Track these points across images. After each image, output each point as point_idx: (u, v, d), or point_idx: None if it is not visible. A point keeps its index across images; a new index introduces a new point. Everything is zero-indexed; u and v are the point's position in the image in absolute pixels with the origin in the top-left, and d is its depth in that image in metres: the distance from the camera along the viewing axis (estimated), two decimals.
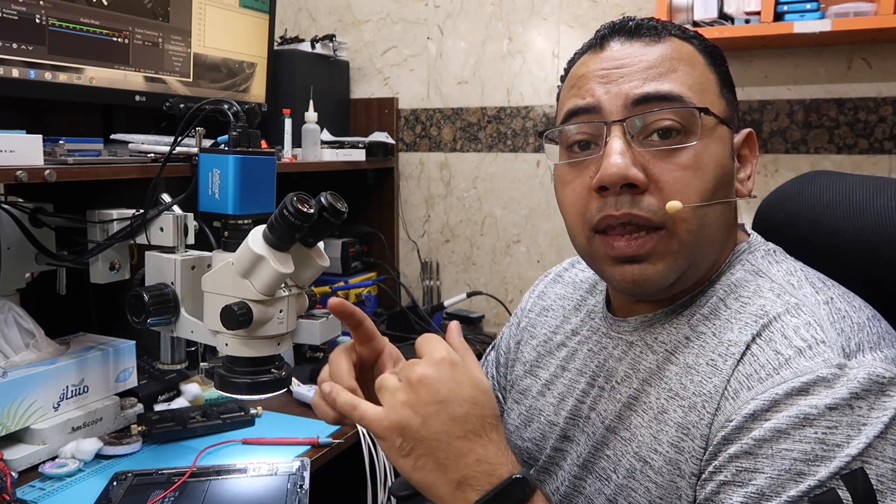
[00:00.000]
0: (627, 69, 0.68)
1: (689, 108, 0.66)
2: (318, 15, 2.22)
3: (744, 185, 0.73)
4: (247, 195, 1.00)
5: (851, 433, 0.55)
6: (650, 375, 0.70)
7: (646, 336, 0.73)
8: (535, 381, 0.86)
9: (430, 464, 0.59)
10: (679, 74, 0.67)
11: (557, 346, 0.85)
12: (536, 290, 0.97)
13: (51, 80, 1.23)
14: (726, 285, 0.70)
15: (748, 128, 0.74)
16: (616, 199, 0.66)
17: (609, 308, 0.81)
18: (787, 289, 0.66)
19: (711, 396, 0.63)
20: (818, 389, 0.56)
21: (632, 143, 0.66)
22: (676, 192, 0.65)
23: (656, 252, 0.66)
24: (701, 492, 0.60)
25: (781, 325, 0.62)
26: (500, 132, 2.01)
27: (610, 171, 0.65)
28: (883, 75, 1.63)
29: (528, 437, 0.84)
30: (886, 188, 0.73)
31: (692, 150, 0.66)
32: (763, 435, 0.57)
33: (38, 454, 1.08)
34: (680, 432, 0.64)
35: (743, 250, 0.73)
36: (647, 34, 0.70)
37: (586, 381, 0.78)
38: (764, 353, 0.61)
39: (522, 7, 1.96)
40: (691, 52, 0.70)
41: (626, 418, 0.70)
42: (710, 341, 0.66)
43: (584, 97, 0.69)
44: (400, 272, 2.17)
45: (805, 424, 0.56)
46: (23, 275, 1.22)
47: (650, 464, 0.66)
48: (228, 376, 0.98)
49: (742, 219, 0.77)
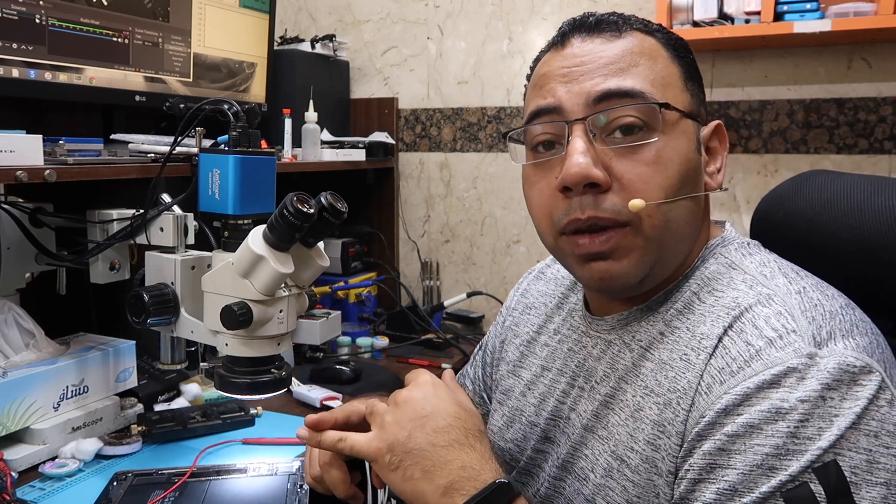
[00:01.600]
0: (587, 66, 0.67)
1: (650, 103, 0.65)
2: (318, 15, 2.22)
3: (713, 179, 0.72)
4: (247, 195, 1.00)
5: (823, 425, 0.54)
6: (626, 373, 0.69)
7: (623, 335, 0.72)
8: (518, 381, 0.86)
9: (418, 472, 0.63)
10: (640, 69, 0.67)
11: (540, 346, 0.85)
12: (521, 287, 0.96)
13: (51, 80, 1.23)
14: (700, 279, 0.69)
15: (717, 120, 0.74)
16: (580, 200, 0.66)
17: (588, 306, 0.80)
18: (759, 280, 0.65)
19: (685, 392, 0.62)
20: (789, 381, 0.56)
21: (594, 142, 0.66)
22: (639, 189, 0.65)
23: (621, 248, 0.66)
24: (677, 489, 0.60)
25: (752, 316, 0.62)
26: (500, 132, 2.01)
27: (572, 172, 0.64)
28: (883, 75, 1.63)
29: (510, 438, 0.83)
30: (884, 187, 0.73)
31: (654, 147, 0.65)
32: (735, 430, 0.56)
33: (38, 454, 1.08)
34: (656, 430, 0.64)
35: (716, 244, 0.72)
36: (607, 29, 0.69)
37: (566, 382, 0.77)
38: (735, 345, 0.61)
39: (522, 7, 1.96)
40: (653, 45, 0.69)
41: (603, 417, 0.70)
42: (683, 336, 0.66)
43: (545, 97, 0.69)
44: (400, 272, 2.17)
45: (777, 418, 0.55)
46: (23, 275, 1.22)
47: (627, 462, 0.66)
48: (228, 376, 0.98)
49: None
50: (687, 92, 0.70)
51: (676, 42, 0.72)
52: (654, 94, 0.66)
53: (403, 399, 0.65)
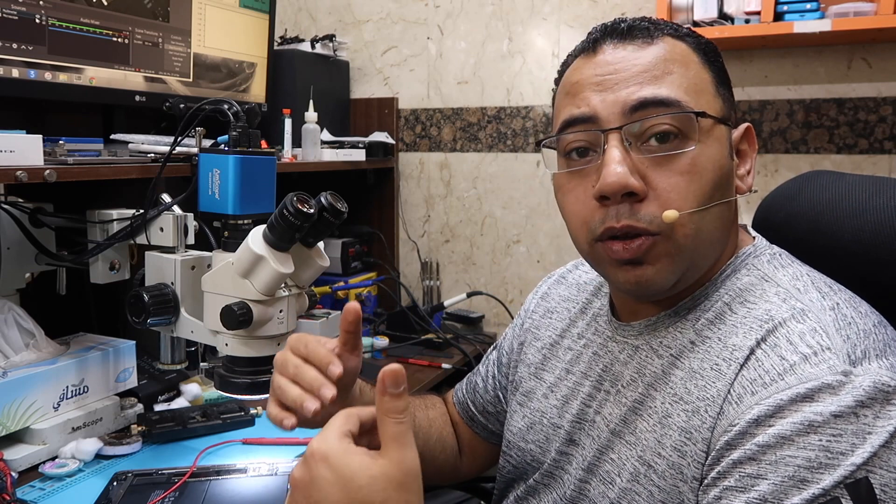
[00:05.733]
0: (622, 74, 0.67)
1: (686, 112, 0.66)
2: (318, 15, 2.22)
3: (743, 181, 0.73)
4: (247, 195, 1.00)
5: (856, 441, 0.54)
6: (656, 380, 0.70)
7: (651, 340, 0.73)
8: (540, 383, 0.86)
9: None
10: (674, 77, 0.67)
11: (563, 349, 0.85)
12: (540, 291, 0.97)
13: (51, 80, 1.23)
14: (732, 290, 0.69)
15: (746, 122, 0.74)
16: (617, 209, 0.66)
17: (613, 311, 0.81)
18: (793, 293, 0.66)
19: (714, 400, 0.63)
20: (823, 396, 0.56)
21: (630, 150, 0.66)
22: (674, 199, 0.65)
23: (654, 254, 0.66)
24: (703, 497, 0.60)
25: (787, 331, 0.62)
26: (500, 132, 2.01)
27: (610, 181, 0.65)
28: (883, 75, 1.63)
29: (532, 440, 0.84)
30: (886, 188, 0.73)
31: (689, 155, 0.66)
32: (767, 441, 0.56)
33: (38, 454, 1.08)
34: (683, 436, 0.64)
35: (748, 254, 0.72)
36: (639, 36, 0.69)
37: (591, 385, 0.78)
38: (769, 358, 0.61)
39: (522, 7, 1.95)
40: (685, 51, 0.69)
41: (631, 422, 0.70)
42: (715, 346, 0.66)
43: (579, 106, 0.69)
44: (400, 272, 2.17)
45: (809, 431, 0.55)
46: (23, 275, 1.22)
47: (654, 468, 0.66)
48: (228, 376, 0.98)
49: (742, 218, 0.77)
50: (719, 97, 0.70)
51: (706, 46, 0.72)
52: (689, 101, 0.66)
53: (293, 482, 0.55)
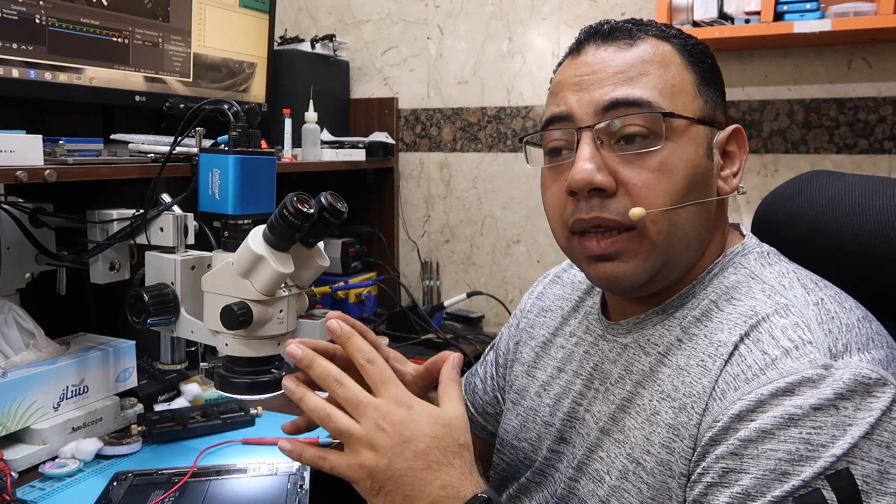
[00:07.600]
0: (598, 75, 0.70)
1: (655, 112, 0.67)
2: (318, 15, 2.22)
3: (727, 182, 0.73)
4: (247, 195, 1.00)
5: (836, 433, 0.55)
6: (643, 378, 0.70)
7: (639, 338, 0.73)
8: (533, 381, 0.87)
9: (399, 497, 0.64)
10: (650, 78, 0.68)
11: (556, 348, 0.86)
12: (535, 290, 0.97)
13: (51, 80, 1.23)
14: (720, 288, 0.70)
15: (736, 124, 0.74)
16: (586, 203, 0.68)
17: (605, 310, 0.82)
18: (777, 290, 0.66)
19: (700, 397, 0.63)
20: (803, 390, 0.57)
21: (602, 149, 0.68)
22: (644, 196, 0.67)
23: (626, 251, 0.68)
24: (690, 493, 0.61)
25: (769, 326, 0.63)
26: (500, 132, 2.01)
27: (577, 178, 0.67)
28: (883, 75, 1.63)
29: (525, 438, 0.84)
30: (885, 188, 0.73)
31: (659, 154, 0.67)
32: (748, 435, 0.57)
33: (38, 454, 1.08)
34: (671, 433, 0.65)
35: (736, 252, 0.73)
36: (620, 38, 0.71)
37: (582, 384, 0.78)
38: (751, 353, 0.62)
39: (522, 7, 1.96)
40: (667, 52, 0.70)
41: (619, 420, 0.71)
42: (701, 343, 0.67)
43: (558, 105, 0.72)
44: (400, 272, 2.17)
45: (790, 424, 0.56)
46: (23, 275, 1.22)
47: (643, 465, 0.66)
48: (228, 376, 0.98)
49: (740, 218, 0.77)
50: (700, 98, 0.71)
51: (693, 47, 0.72)
52: (662, 102, 0.68)
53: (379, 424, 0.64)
